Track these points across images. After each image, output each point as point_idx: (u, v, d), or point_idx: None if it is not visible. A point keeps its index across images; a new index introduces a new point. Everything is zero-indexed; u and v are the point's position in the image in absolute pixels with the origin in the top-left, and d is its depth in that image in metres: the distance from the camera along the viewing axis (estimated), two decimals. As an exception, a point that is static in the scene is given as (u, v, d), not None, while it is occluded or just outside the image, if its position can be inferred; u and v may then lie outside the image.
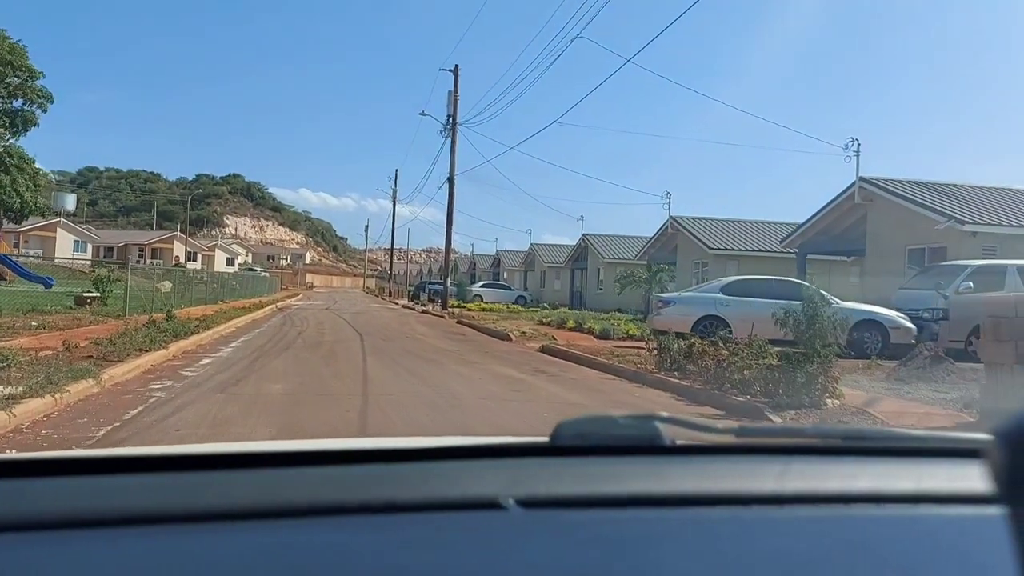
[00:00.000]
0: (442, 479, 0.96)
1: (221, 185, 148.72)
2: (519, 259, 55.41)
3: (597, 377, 10.57)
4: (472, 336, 19.11)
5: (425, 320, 26.43)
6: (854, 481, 0.97)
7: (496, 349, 15.29)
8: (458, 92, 33.62)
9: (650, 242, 32.69)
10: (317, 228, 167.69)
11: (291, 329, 18.18)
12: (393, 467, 1.02)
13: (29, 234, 60.24)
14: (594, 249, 38.95)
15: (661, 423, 1.04)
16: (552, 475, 0.98)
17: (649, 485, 0.95)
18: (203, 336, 13.78)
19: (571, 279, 42.86)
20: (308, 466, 1.01)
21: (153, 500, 0.89)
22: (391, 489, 0.93)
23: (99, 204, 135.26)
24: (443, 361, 12.21)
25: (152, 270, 26.16)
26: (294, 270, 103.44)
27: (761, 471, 1.01)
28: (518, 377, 10.30)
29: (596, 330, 19.32)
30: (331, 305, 36.35)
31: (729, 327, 14.58)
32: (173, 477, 0.96)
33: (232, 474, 0.99)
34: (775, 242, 27.70)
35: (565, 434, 1.04)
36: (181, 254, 68.01)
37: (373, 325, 21.58)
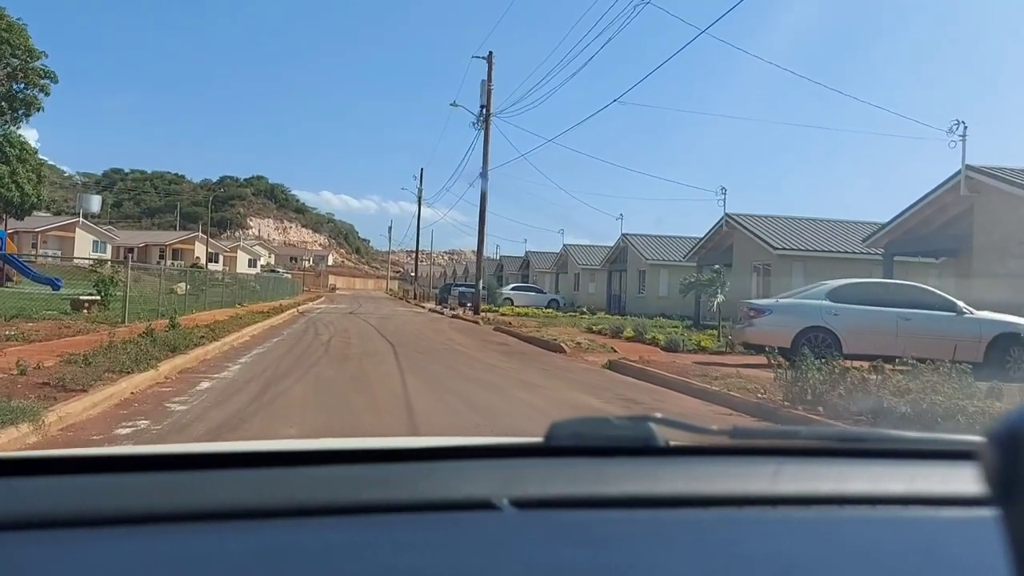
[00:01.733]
0: (436, 479, 0.96)
1: (245, 187, 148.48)
2: (550, 261, 52.95)
3: (706, 410, 8.14)
4: (517, 347, 16.75)
5: (459, 327, 24.12)
6: (848, 483, 0.96)
7: (554, 365, 12.91)
8: (492, 81, 31.37)
9: (701, 242, 30.12)
10: (340, 230, 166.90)
11: (313, 339, 15.91)
12: (387, 467, 1.02)
13: (48, 234, 58.90)
14: (635, 250, 36.43)
15: (655, 424, 1.04)
16: (546, 476, 0.98)
17: (643, 486, 0.95)
18: (209, 349, 11.55)
19: (608, 282, 40.38)
20: (303, 466, 1.01)
21: (151, 499, 0.89)
22: (385, 489, 0.93)
23: (124, 206, 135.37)
24: (499, 383, 9.87)
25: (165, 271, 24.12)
26: (316, 272, 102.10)
27: (755, 472, 1.01)
28: (605, 410, 7.91)
29: (660, 341, 16.87)
30: (355, 309, 34.20)
31: (838, 341, 12.09)
32: (172, 476, 0.96)
33: (228, 474, 0.98)
34: (847, 241, 25.06)
35: (559, 434, 1.04)
36: (202, 255, 66.39)
37: (404, 333, 19.30)
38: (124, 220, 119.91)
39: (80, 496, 0.89)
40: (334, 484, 0.95)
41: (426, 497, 0.91)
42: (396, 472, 1.01)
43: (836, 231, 26.15)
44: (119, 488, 0.92)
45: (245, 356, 11.70)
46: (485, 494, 0.89)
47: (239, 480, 0.96)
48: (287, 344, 14.28)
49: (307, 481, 0.96)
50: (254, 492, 0.91)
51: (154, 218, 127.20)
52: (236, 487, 0.93)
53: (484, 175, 31.12)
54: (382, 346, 14.78)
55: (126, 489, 0.92)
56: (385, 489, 0.93)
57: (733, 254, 27.33)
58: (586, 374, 11.60)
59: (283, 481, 0.96)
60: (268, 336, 16.24)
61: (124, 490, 0.92)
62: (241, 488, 0.93)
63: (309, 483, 0.95)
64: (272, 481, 0.96)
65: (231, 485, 0.94)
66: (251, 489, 0.92)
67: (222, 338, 13.29)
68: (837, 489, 0.95)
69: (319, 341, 15.09)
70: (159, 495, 0.90)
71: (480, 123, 31.46)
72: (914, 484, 0.96)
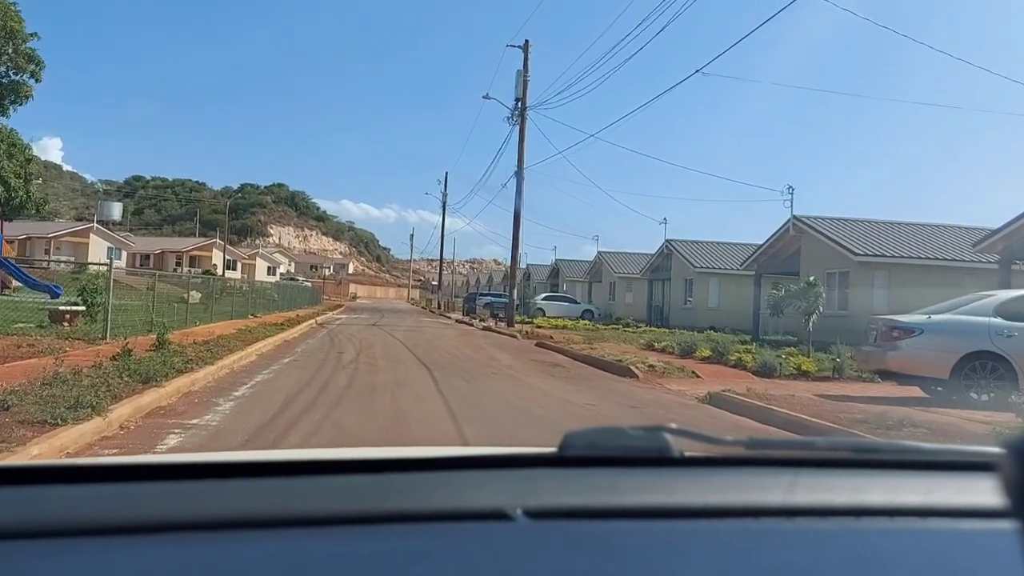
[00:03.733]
0: (450, 489, 0.96)
1: (265, 194, 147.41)
2: (582, 269, 50.12)
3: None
4: (575, 369, 14.02)
5: (495, 342, 21.43)
6: (865, 494, 0.96)
7: (635, 397, 10.17)
8: (528, 71, 28.80)
9: (761, 248, 27.22)
10: (361, 238, 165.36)
11: (332, 360, 13.27)
12: (402, 477, 1.02)
13: (61, 240, 57.21)
14: (680, 257, 33.56)
15: (671, 435, 1.03)
16: (560, 486, 0.98)
17: (657, 497, 0.95)
18: (197, 377, 8.94)
19: (649, 292, 37.50)
20: (317, 475, 1.01)
21: (169, 508, 0.89)
22: (399, 499, 0.93)
23: (145, 213, 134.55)
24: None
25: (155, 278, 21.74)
26: (337, 280, 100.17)
27: (770, 483, 1.00)
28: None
29: (747, 363, 14.05)
30: (378, 320, 31.63)
31: (1015, 371, 9.24)
32: (189, 485, 0.96)
33: (243, 483, 0.98)
34: (939, 247, 22.08)
35: (573, 444, 1.03)
36: (219, 262, 64.35)
37: (437, 350, 16.64)
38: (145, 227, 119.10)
39: (99, 504, 0.90)
40: (348, 494, 0.96)
41: (440, 507, 0.91)
42: (410, 482, 1.00)
43: (925, 235, 23.17)
44: (137, 497, 0.93)
45: (244, 387, 9.07)
46: (499, 504, 0.88)
47: (254, 489, 0.96)
48: (300, 368, 11.65)
49: (321, 491, 0.96)
50: (268, 501, 0.92)
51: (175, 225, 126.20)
52: (251, 496, 0.93)
53: (519, 174, 28.51)
54: (416, 370, 12.11)
55: (144, 498, 0.93)
56: (399, 498, 0.94)
57: (800, 261, 24.41)
58: (687, 412, 8.85)
59: (297, 491, 0.96)
60: (279, 355, 13.64)
61: (142, 499, 0.92)
62: (255, 497, 0.93)
63: (323, 493, 0.95)
64: (286, 491, 0.96)
65: (246, 494, 0.94)
66: (265, 498, 0.93)
67: (220, 360, 10.70)
68: (854, 500, 0.93)
69: (339, 363, 12.45)
70: (176, 504, 0.90)
71: (515, 117, 28.87)
72: (932, 496, 0.95)
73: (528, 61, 28.76)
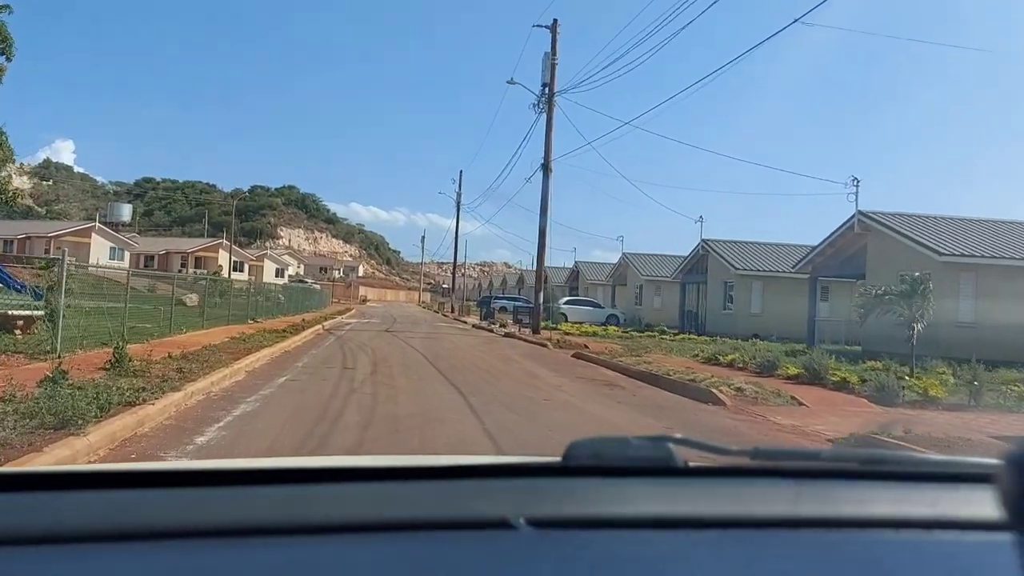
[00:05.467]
0: (454, 498, 0.97)
1: (276, 196, 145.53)
2: (605, 272, 47.46)
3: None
4: (635, 389, 11.41)
5: (525, 351, 18.86)
6: (869, 505, 0.95)
7: (750, 439, 7.56)
8: (556, 54, 26.24)
9: (819, 248, 24.49)
10: (371, 241, 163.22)
11: (339, 379, 10.71)
12: (406, 485, 1.03)
13: (62, 239, 54.93)
14: (719, 258, 30.86)
15: (675, 445, 1.02)
16: (563, 495, 0.98)
17: (661, 507, 0.95)
18: (152, 411, 6.41)
19: (681, 295, 34.80)
20: (323, 483, 1.01)
21: (173, 514, 0.89)
22: (402, 507, 0.94)
23: (155, 215, 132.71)
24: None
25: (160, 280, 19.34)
26: (347, 283, 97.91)
27: (775, 494, 1.00)
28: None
29: (852, 384, 11.41)
30: (391, 325, 29.12)
31: None
32: (196, 492, 0.97)
33: (248, 490, 0.99)
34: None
35: (578, 455, 1.02)
36: (225, 263, 62.06)
37: (464, 363, 14.08)
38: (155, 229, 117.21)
39: (107, 511, 0.90)
40: (353, 501, 0.96)
41: (443, 515, 0.91)
42: (414, 490, 1.01)
43: (1015, 234, 20.42)
44: (145, 503, 0.94)
45: (214, 427, 6.51)
46: (502, 513, 0.88)
47: (260, 497, 0.96)
48: (299, 392, 9.11)
49: (327, 498, 0.97)
50: (274, 509, 0.92)
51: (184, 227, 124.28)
52: (257, 504, 0.94)
53: (546, 165, 25.93)
54: (446, 393, 9.52)
55: (152, 504, 0.93)
56: (403, 507, 0.94)
57: (866, 263, 21.71)
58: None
59: (303, 498, 0.96)
60: (275, 371, 11.11)
61: (150, 505, 0.93)
62: (261, 505, 0.93)
63: (329, 500, 0.96)
64: (292, 498, 0.96)
65: (252, 502, 0.95)
66: (271, 506, 0.93)
67: (193, 382, 8.19)
68: (859, 512, 0.93)
69: (348, 386, 9.89)
70: (184, 511, 0.91)
71: (541, 104, 26.31)
72: (936, 507, 0.94)
73: (556, 42, 26.21)
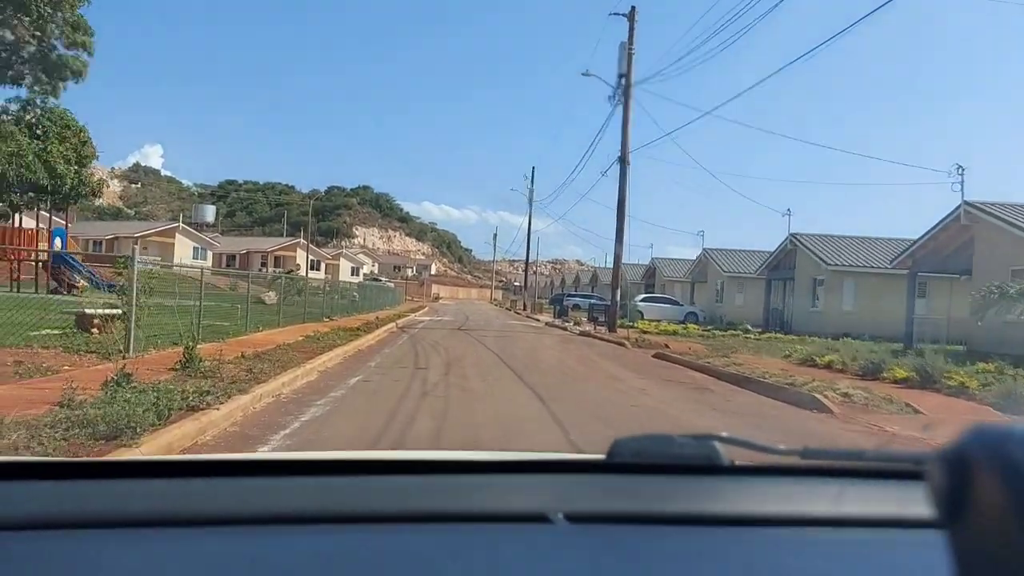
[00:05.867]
0: (494, 492, 0.98)
1: (351, 196, 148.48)
2: (683, 269, 46.00)
3: None
4: (727, 394, 10.54)
5: (603, 351, 18.10)
6: (914, 506, 0.91)
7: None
8: (633, 43, 25.29)
9: (919, 243, 22.83)
10: (443, 239, 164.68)
11: (413, 380, 10.22)
12: (448, 478, 1.04)
13: (148, 239, 57.09)
14: (808, 253, 29.28)
15: (721, 443, 1.01)
16: (604, 492, 0.98)
17: (701, 504, 0.94)
18: (216, 416, 6.02)
19: (767, 293, 33.26)
20: (367, 475, 1.03)
21: (225, 502, 0.92)
22: (444, 499, 0.95)
23: (236, 216, 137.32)
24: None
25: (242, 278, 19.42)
26: (420, 281, 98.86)
27: (818, 493, 0.99)
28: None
29: (971, 389, 10.23)
30: (463, 323, 28.77)
31: None
32: (241, 482, 0.99)
33: (301, 480, 1.01)
34: None
35: (621, 452, 1.02)
36: (303, 262, 63.28)
37: (541, 364, 13.45)
38: (237, 229, 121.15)
39: (156, 498, 0.93)
40: (397, 493, 0.97)
41: (482, 508, 0.92)
42: (456, 483, 1.02)
43: None
44: (203, 491, 0.96)
45: (281, 434, 6.07)
46: (540, 508, 0.89)
47: (306, 487, 0.99)
48: (371, 395, 8.66)
49: (369, 489, 0.98)
50: (319, 498, 0.94)
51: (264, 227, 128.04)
52: (302, 493, 0.96)
53: (623, 158, 25.04)
54: (525, 399, 8.89)
55: (209, 492, 0.95)
56: (444, 499, 0.95)
57: (974, 257, 20.04)
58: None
59: (347, 489, 0.98)
60: (347, 371, 10.73)
61: (207, 493, 0.95)
62: (307, 494, 0.95)
63: (371, 491, 0.98)
64: (337, 488, 0.98)
65: (298, 491, 0.96)
66: (316, 496, 0.95)
67: (263, 383, 7.82)
68: (901, 512, 0.91)
69: (423, 387, 9.38)
70: (233, 499, 0.93)
71: (618, 96, 25.42)
72: None
73: (634, 31, 25.27)
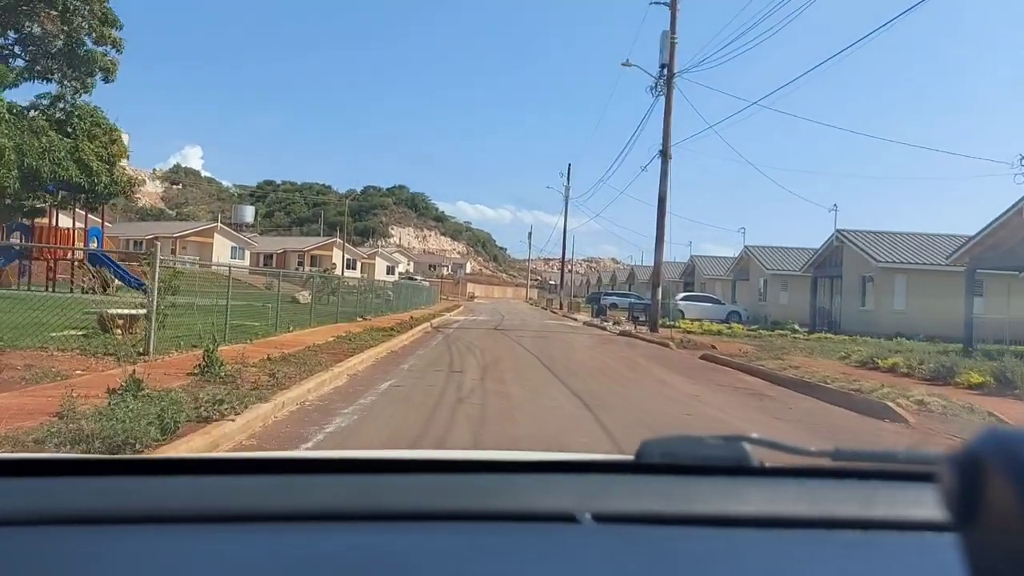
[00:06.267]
0: (521, 491, 0.98)
1: (387, 196, 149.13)
2: (724, 267, 44.76)
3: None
4: (787, 399, 9.69)
5: (647, 352, 17.29)
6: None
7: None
8: (675, 32, 24.38)
9: (977, 238, 21.47)
10: (478, 238, 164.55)
11: (445, 384, 9.59)
12: (476, 477, 1.04)
13: (187, 239, 57.67)
14: (856, 250, 28.02)
15: (751, 445, 1.01)
16: (632, 492, 0.98)
17: (730, 505, 0.94)
18: (231, 428, 5.43)
19: (813, 291, 32.00)
20: (395, 474, 1.04)
21: (260, 500, 0.93)
22: (470, 498, 0.96)
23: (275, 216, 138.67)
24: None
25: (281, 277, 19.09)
26: (455, 280, 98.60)
27: (848, 495, 0.99)
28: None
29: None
30: (499, 323, 28.14)
31: None
32: (273, 479, 1.01)
33: (326, 478, 1.02)
34: None
35: (650, 452, 1.02)
36: (339, 261, 63.33)
37: (583, 367, 12.71)
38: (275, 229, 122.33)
39: (200, 495, 0.94)
40: (423, 491, 0.97)
41: (509, 508, 0.92)
42: (483, 482, 1.01)
43: None
44: (236, 489, 0.97)
45: (302, 448, 5.45)
46: (567, 507, 0.90)
47: (337, 485, 0.99)
48: (402, 402, 8.05)
49: (398, 487, 0.98)
50: (348, 496, 0.95)
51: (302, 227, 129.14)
52: (333, 491, 0.96)
53: (665, 152, 24.13)
54: (571, 407, 8.17)
55: (242, 490, 0.96)
56: (471, 498, 0.95)
57: (1045, 251, 18.73)
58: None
59: (376, 487, 0.99)
60: (378, 375, 10.14)
61: (240, 491, 0.96)
62: (338, 492, 0.96)
63: (399, 489, 0.98)
64: (365, 486, 0.99)
65: (329, 489, 0.97)
66: (346, 493, 0.96)
67: (286, 390, 7.24)
68: (934, 514, 0.86)
69: (455, 394, 8.73)
70: (268, 496, 0.94)
71: (659, 87, 24.53)
72: None
73: (675, 19, 24.33)
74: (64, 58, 20.70)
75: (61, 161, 19.13)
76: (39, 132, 19.22)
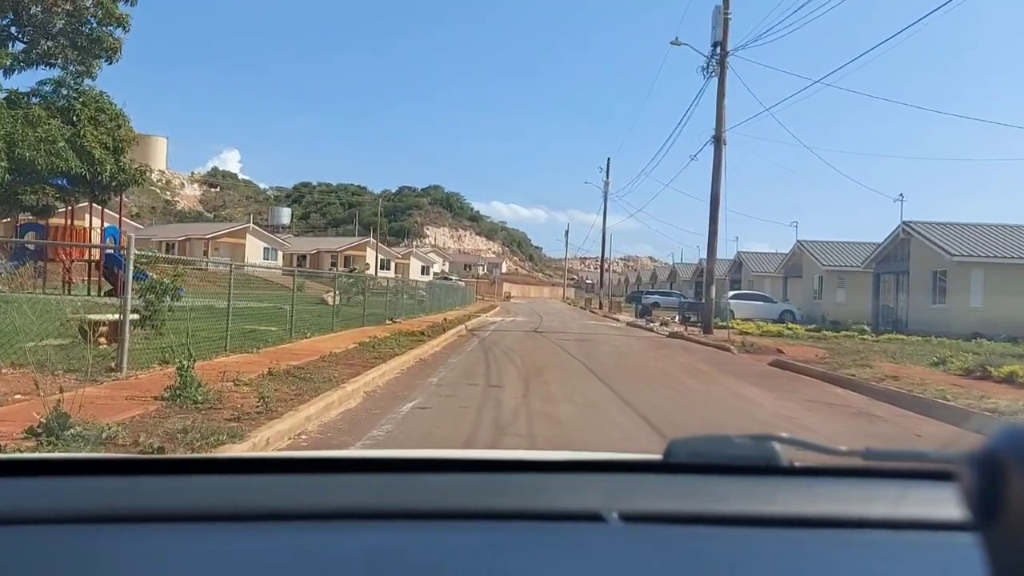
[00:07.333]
0: (548, 490, 0.97)
1: (422, 196, 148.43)
2: (775, 263, 42.38)
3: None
4: (903, 422, 7.79)
5: (706, 357, 15.38)
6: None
7: None
8: (729, 7, 22.38)
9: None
10: (513, 238, 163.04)
11: (481, 404, 7.90)
12: (502, 477, 1.03)
13: (219, 240, 56.98)
14: (926, 243, 25.67)
15: (780, 444, 0.99)
16: (660, 491, 0.97)
17: (758, 505, 0.93)
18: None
19: (875, 288, 29.66)
20: (423, 473, 1.03)
21: (284, 499, 0.93)
22: (498, 497, 0.95)
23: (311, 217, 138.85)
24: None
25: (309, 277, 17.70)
26: (491, 279, 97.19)
27: (877, 495, 0.98)
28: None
29: None
30: (538, 324, 26.41)
31: None
32: (301, 478, 1.01)
33: (352, 478, 1.02)
34: None
35: (678, 452, 1.01)
36: (372, 261, 62.19)
37: (640, 377, 10.90)
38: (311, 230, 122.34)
39: (225, 494, 0.93)
40: (450, 490, 0.97)
41: (536, 507, 0.92)
42: (511, 482, 1.01)
43: None
44: (261, 488, 0.96)
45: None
46: (594, 507, 0.89)
47: (363, 484, 0.99)
48: (428, 429, 6.35)
49: (425, 487, 0.98)
50: (375, 495, 0.95)
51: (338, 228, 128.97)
52: (359, 490, 0.96)
53: (718, 139, 22.16)
54: (639, 437, 6.37)
55: (267, 489, 0.95)
56: (499, 497, 0.95)
57: None
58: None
59: (404, 486, 0.98)
60: (402, 391, 8.47)
61: (266, 490, 0.95)
62: (364, 491, 0.96)
63: (427, 489, 0.97)
64: (392, 486, 0.98)
65: (356, 488, 0.97)
66: (372, 492, 0.96)
67: (274, 420, 5.62)
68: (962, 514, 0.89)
69: (494, 416, 7.02)
70: (292, 495, 0.94)
71: (712, 66, 22.54)
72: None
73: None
74: (66, 38, 19.40)
75: (59, 151, 17.82)
76: (35, 122, 17.92)
